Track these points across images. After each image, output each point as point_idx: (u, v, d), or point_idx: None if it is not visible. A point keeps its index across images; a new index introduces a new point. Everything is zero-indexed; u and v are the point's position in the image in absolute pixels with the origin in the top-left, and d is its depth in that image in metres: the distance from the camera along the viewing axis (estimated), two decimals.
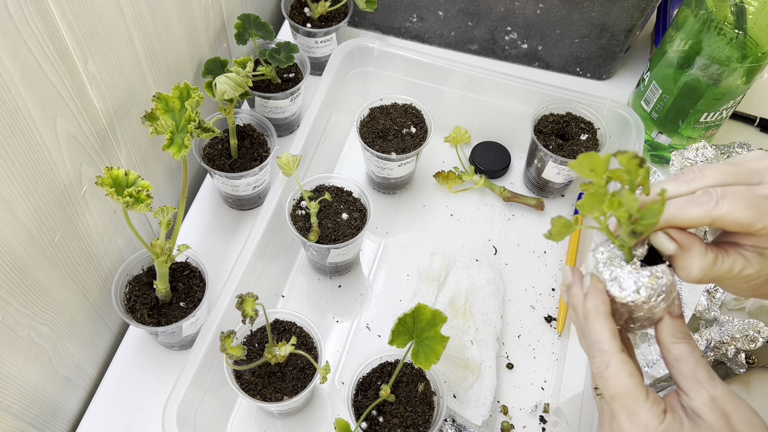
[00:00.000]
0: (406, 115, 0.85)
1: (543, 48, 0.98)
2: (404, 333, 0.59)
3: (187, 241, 0.79)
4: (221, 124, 0.82)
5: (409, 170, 0.86)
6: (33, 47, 0.51)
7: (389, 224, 0.87)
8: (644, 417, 0.41)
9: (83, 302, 0.68)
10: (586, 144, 0.83)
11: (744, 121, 0.98)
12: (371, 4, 0.90)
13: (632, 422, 0.42)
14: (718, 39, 0.75)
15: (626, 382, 0.42)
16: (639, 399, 0.42)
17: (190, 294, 0.71)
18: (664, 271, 0.43)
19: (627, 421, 0.42)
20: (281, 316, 0.70)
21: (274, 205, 0.75)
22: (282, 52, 0.85)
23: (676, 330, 0.43)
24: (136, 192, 0.56)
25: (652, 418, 0.41)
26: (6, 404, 0.59)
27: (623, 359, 0.43)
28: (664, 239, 0.43)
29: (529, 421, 0.73)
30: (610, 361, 0.43)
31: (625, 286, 0.43)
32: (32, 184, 0.55)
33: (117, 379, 0.74)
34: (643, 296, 0.42)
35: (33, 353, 0.61)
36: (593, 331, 0.44)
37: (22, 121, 0.52)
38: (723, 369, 0.75)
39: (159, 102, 0.61)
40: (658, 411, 0.42)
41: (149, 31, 0.68)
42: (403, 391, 0.66)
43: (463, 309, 0.78)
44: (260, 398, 0.65)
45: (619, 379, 0.42)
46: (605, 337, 0.43)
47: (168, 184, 0.83)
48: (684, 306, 0.73)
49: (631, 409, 0.42)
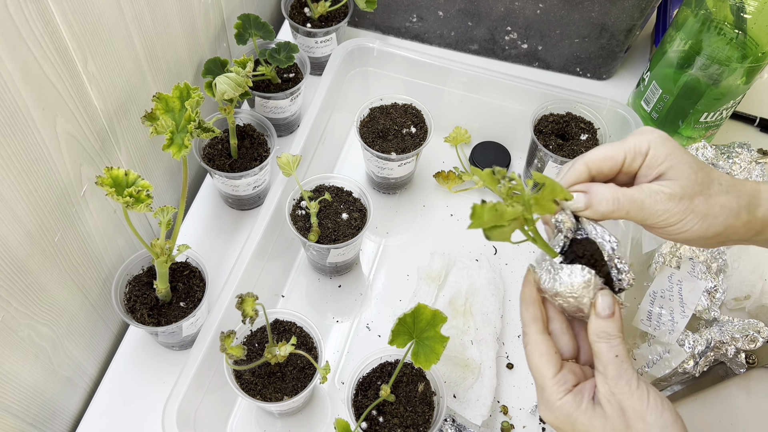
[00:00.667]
0: (406, 115, 0.85)
1: (543, 48, 0.98)
2: (404, 333, 0.59)
3: (187, 241, 0.79)
4: (221, 124, 0.82)
5: (409, 170, 0.86)
6: (33, 47, 0.51)
7: (389, 224, 0.87)
8: (547, 391, 0.48)
9: (83, 302, 0.68)
10: (586, 144, 0.83)
11: (744, 121, 0.98)
12: (371, 4, 0.90)
13: (540, 395, 0.49)
14: (718, 39, 0.75)
15: (537, 360, 0.49)
16: (546, 375, 0.48)
17: (190, 294, 0.71)
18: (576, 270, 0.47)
19: (538, 393, 0.49)
20: (281, 316, 0.70)
21: (274, 205, 0.75)
22: (282, 52, 0.85)
23: (599, 330, 0.47)
24: (136, 192, 0.56)
25: (553, 393, 0.47)
26: (6, 404, 0.59)
27: (538, 340, 0.49)
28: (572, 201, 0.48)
29: (529, 421, 0.73)
30: (528, 341, 0.50)
31: (545, 281, 0.48)
32: (32, 184, 0.55)
33: (117, 379, 0.74)
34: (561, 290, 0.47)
35: (33, 353, 0.61)
36: (521, 314, 0.51)
37: (22, 121, 0.52)
38: (723, 369, 0.75)
39: (159, 102, 0.61)
40: (561, 388, 0.47)
41: (149, 31, 0.68)
42: (403, 391, 0.66)
43: (463, 309, 0.78)
44: (260, 398, 0.65)
45: (533, 357, 0.49)
46: (526, 320, 0.50)
47: (168, 184, 0.83)
48: (684, 306, 0.73)
49: (539, 384, 0.49)
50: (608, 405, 0.46)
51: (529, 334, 0.50)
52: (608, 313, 0.46)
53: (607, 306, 0.46)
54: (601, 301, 0.46)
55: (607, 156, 0.49)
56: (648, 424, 0.45)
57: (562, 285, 0.47)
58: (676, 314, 0.73)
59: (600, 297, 0.46)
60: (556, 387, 0.47)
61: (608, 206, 0.48)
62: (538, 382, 0.49)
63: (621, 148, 0.49)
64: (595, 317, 0.47)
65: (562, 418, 0.47)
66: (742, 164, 0.85)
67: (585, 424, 0.46)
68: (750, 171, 0.85)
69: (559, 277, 0.47)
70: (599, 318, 0.46)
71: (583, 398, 0.47)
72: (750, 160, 0.86)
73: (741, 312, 0.80)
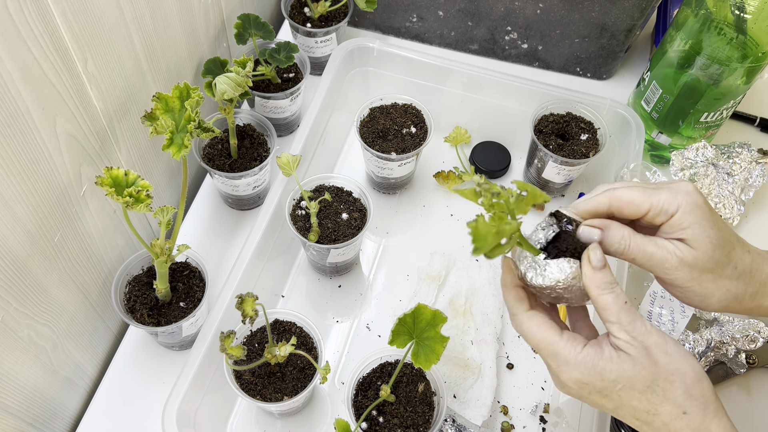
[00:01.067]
0: (406, 115, 0.85)
1: (543, 48, 0.98)
2: (404, 333, 0.59)
3: (187, 241, 0.79)
4: (221, 124, 0.82)
5: (409, 170, 0.86)
6: (33, 47, 0.51)
7: (389, 224, 0.87)
8: (562, 352, 0.47)
9: (83, 302, 0.68)
10: (586, 144, 0.83)
11: (744, 121, 0.98)
12: (371, 4, 0.90)
13: (556, 362, 0.48)
14: (718, 39, 0.75)
15: (537, 330, 0.48)
16: (554, 340, 0.48)
17: (190, 294, 0.71)
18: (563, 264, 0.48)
19: (552, 362, 0.48)
20: (281, 316, 0.70)
21: (274, 205, 0.75)
22: (282, 52, 0.85)
23: (600, 282, 0.47)
24: (135, 192, 0.56)
25: (570, 350, 0.47)
26: (6, 404, 0.59)
27: (531, 314, 0.49)
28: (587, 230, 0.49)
29: (529, 421, 0.73)
30: (521, 319, 0.50)
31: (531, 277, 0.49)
32: (32, 184, 0.55)
33: (117, 379, 0.74)
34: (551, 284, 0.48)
35: (33, 353, 0.61)
36: (505, 300, 0.51)
37: (22, 121, 0.52)
38: (723, 369, 0.75)
39: (159, 102, 0.61)
40: (575, 344, 0.47)
41: (149, 31, 0.68)
42: (403, 391, 0.66)
43: (463, 309, 0.78)
44: (260, 398, 0.65)
45: (531, 330, 0.49)
46: (511, 302, 0.51)
47: (168, 184, 0.83)
48: (684, 306, 0.73)
49: (550, 351, 0.48)
50: (631, 348, 0.46)
51: (517, 314, 0.50)
52: (602, 264, 0.47)
53: (599, 258, 0.47)
54: (593, 255, 0.47)
55: (631, 202, 0.49)
56: (670, 355, 0.46)
57: (552, 279, 0.48)
58: (676, 314, 0.73)
59: (591, 252, 0.48)
60: (570, 343, 0.47)
61: (618, 248, 0.49)
62: (548, 350, 0.48)
63: (649, 200, 0.49)
64: (592, 271, 0.47)
65: (587, 372, 0.46)
66: (742, 164, 0.85)
67: (613, 371, 0.46)
68: (750, 171, 0.85)
69: (548, 273, 0.48)
70: (597, 270, 0.47)
71: (603, 347, 0.47)
72: (750, 160, 0.86)
73: None
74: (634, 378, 0.45)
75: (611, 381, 0.46)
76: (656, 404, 0.45)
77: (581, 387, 0.47)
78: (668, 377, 0.45)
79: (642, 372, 0.45)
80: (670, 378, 0.45)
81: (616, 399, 0.46)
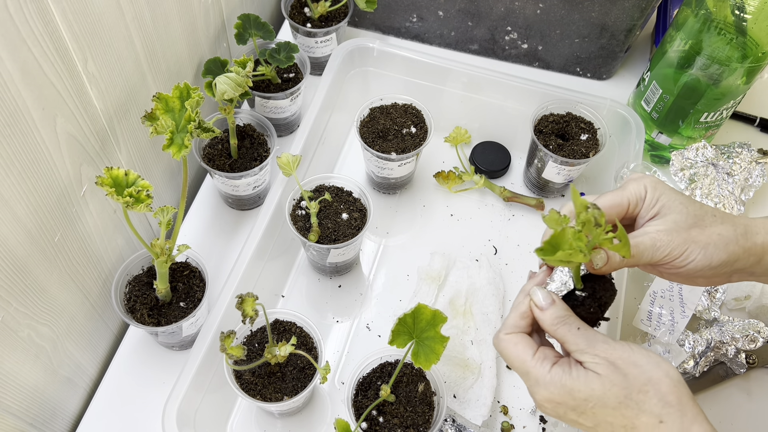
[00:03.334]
0: (406, 115, 0.85)
1: (543, 48, 0.98)
2: (404, 333, 0.59)
3: (187, 241, 0.79)
4: (221, 124, 0.82)
5: (409, 170, 0.86)
6: (33, 47, 0.51)
7: (389, 224, 0.87)
8: (533, 371, 0.48)
9: (83, 302, 0.68)
10: (587, 144, 0.83)
11: (744, 121, 0.98)
12: (371, 4, 0.90)
13: (528, 381, 0.49)
14: (718, 39, 0.75)
15: (513, 349, 0.50)
16: (525, 359, 0.49)
17: (190, 294, 0.71)
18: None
19: (526, 382, 0.50)
20: (281, 316, 0.70)
21: (274, 205, 0.75)
22: (282, 52, 0.85)
23: (551, 318, 0.49)
24: (136, 192, 0.56)
25: (539, 369, 0.48)
26: (6, 404, 0.59)
27: (509, 338, 0.51)
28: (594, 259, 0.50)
29: (529, 421, 0.73)
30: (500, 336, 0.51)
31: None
32: (32, 184, 0.55)
33: (117, 379, 0.74)
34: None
35: (33, 353, 0.61)
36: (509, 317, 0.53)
37: (22, 121, 0.52)
38: (723, 369, 0.75)
39: (159, 102, 0.61)
40: (545, 363, 0.48)
41: (149, 31, 0.68)
42: (403, 391, 0.66)
43: (463, 309, 0.78)
44: (260, 398, 0.65)
45: (508, 349, 0.50)
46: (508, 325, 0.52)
47: (168, 184, 0.83)
48: (684, 306, 0.73)
49: (522, 370, 0.50)
50: (598, 366, 0.46)
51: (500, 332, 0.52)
52: (549, 302, 0.49)
53: (543, 297, 0.50)
54: (537, 297, 0.50)
55: (613, 203, 0.53)
56: (640, 366, 0.46)
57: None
58: (676, 314, 0.73)
59: (533, 295, 0.50)
60: (540, 363, 0.48)
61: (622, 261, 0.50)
62: (521, 369, 0.49)
63: (624, 195, 0.53)
64: (540, 312, 0.49)
65: (557, 392, 0.47)
66: (742, 164, 0.85)
67: (582, 390, 0.46)
68: (750, 171, 0.85)
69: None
70: (544, 310, 0.49)
71: (571, 367, 0.48)
72: (750, 160, 0.86)
73: (741, 312, 0.80)
74: (605, 395, 0.46)
75: (582, 400, 0.46)
76: (632, 418, 0.45)
77: (555, 406, 0.48)
78: (641, 388, 0.45)
79: (613, 388, 0.46)
80: (644, 389, 0.45)
81: (591, 417, 0.47)
